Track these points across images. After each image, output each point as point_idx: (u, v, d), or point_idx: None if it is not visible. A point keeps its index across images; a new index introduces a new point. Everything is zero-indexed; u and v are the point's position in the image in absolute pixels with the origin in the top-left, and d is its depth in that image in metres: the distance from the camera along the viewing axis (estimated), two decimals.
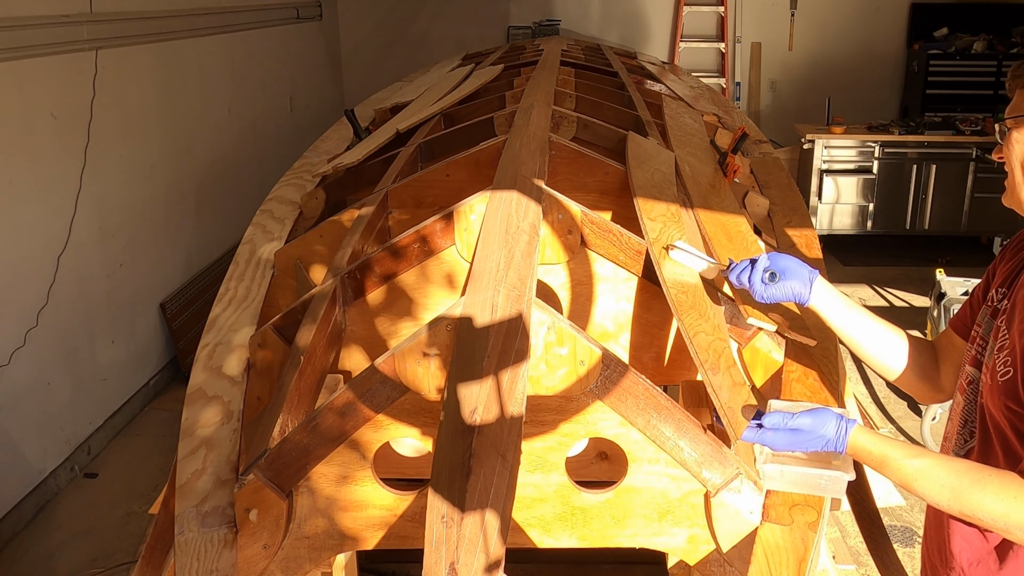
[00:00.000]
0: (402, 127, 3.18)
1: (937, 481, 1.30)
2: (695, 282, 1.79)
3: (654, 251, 1.88)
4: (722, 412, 1.46)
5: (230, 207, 5.55)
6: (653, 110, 3.45)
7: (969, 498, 1.28)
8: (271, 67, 6.46)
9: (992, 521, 1.27)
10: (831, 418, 1.38)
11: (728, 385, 1.52)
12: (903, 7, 7.73)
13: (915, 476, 1.32)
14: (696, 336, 1.62)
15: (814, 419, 1.38)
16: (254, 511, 1.42)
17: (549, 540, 1.49)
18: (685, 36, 7.93)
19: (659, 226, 1.98)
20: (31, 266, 3.68)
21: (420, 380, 1.38)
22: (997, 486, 1.27)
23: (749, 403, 1.49)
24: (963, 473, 1.30)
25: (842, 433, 1.37)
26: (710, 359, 1.57)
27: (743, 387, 1.53)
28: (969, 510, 1.28)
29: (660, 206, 2.10)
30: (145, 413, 4.54)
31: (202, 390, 1.87)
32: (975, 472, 1.30)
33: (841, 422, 1.37)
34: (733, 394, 1.51)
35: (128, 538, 3.48)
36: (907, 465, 1.33)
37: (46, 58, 3.76)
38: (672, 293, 1.74)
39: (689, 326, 1.65)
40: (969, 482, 1.29)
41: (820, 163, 6.66)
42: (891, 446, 1.36)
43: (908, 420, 4.34)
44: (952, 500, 1.29)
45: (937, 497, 1.31)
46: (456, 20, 7.96)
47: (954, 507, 1.30)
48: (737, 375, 1.55)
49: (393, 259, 1.99)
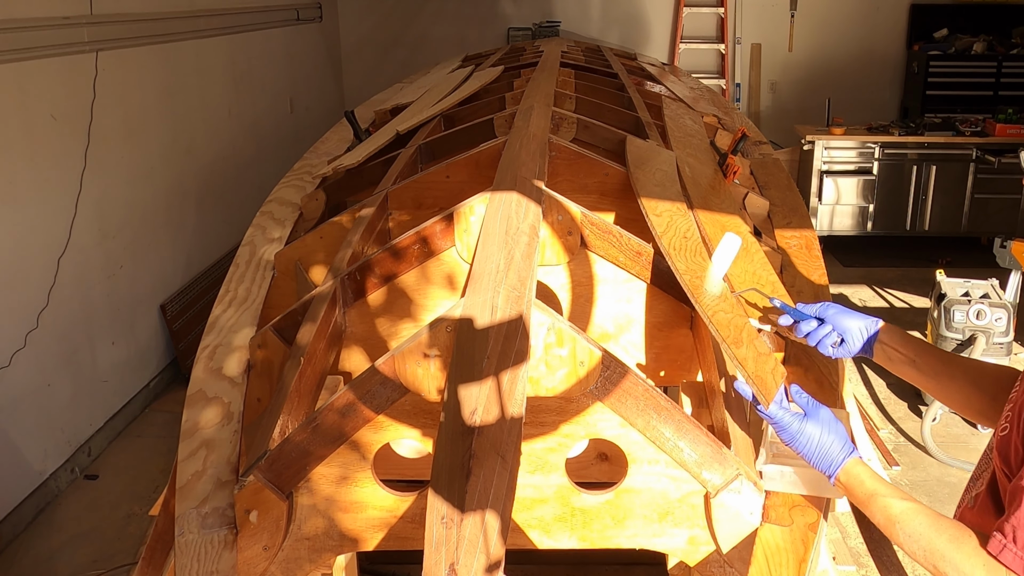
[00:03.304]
0: (402, 128, 3.18)
1: (917, 529, 1.27)
2: (707, 263, 1.80)
3: (663, 243, 1.89)
4: (750, 382, 1.43)
5: (230, 208, 5.55)
6: (653, 111, 3.45)
7: (942, 555, 1.25)
8: (271, 69, 6.46)
9: None
10: (836, 440, 1.37)
11: (753, 356, 1.51)
12: (903, 8, 7.73)
13: (898, 518, 1.29)
14: (715, 315, 1.63)
15: (820, 431, 1.37)
16: (254, 512, 1.42)
17: (549, 541, 1.49)
18: (685, 37, 7.93)
19: (665, 220, 2.00)
20: (31, 268, 3.68)
21: (420, 381, 1.38)
22: (970, 551, 1.24)
23: (777, 371, 1.48)
24: (944, 529, 1.26)
25: (838, 462, 1.35)
26: (732, 334, 1.57)
27: (769, 356, 1.52)
28: (940, 567, 1.25)
29: (665, 203, 2.11)
30: (145, 415, 4.54)
31: (202, 391, 1.87)
32: (956, 530, 1.26)
33: (845, 448, 1.36)
34: (759, 364, 1.49)
35: (128, 539, 3.48)
36: (893, 504, 1.30)
37: (46, 60, 3.76)
38: (687, 280, 1.74)
39: (707, 307, 1.65)
40: (947, 539, 1.25)
41: (820, 164, 6.66)
42: (884, 484, 1.34)
43: (908, 421, 4.34)
44: (927, 553, 1.26)
45: (912, 545, 1.28)
46: (456, 21, 7.97)
47: (928, 561, 1.27)
48: (762, 346, 1.54)
49: (393, 260, 1.99)
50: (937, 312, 4.36)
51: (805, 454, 1.38)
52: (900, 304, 5.83)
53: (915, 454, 4.05)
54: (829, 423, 1.39)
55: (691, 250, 1.90)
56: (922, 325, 4.95)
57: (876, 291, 6.03)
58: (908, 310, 5.69)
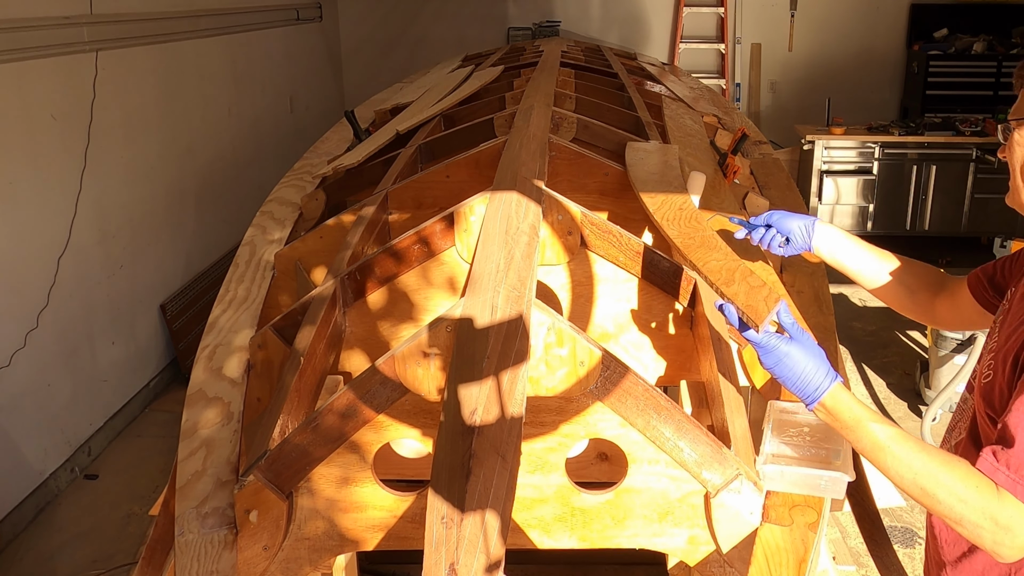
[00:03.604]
0: (402, 128, 3.18)
1: (906, 452, 1.26)
2: (700, 226, 1.84)
3: (656, 217, 1.94)
4: (743, 314, 1.43)
5: (230, 208, 5.55)
6: (653, 111, 3.45)
7: (930, 478, 1.23)
8: (271, 68, 6.46)
9: (947, 508, 1.23)
10: (821, 366, 1.35)
11: (745, 290, 1.52)
12: (903, 7, 7.73)
13: (886, 442, 1.27)
14: (706, 265, 1.65)
15: (806, 356, 1.34)
16: (254, 512, 1.42)
17: (549, 541, 1.49)
18: (685, 37, 7.93)
19: (660, 199, 2.07)
20: (31, 268, 3.68)
21: (420, 381, 1.38)
22: (963, 473, 1.23)
23: (771, 298, 1.47)
24: (934, 453, 1.26)
25: (824, 387, 1.33)
26: (723, 277, 1.59)
27: (762, 287, 1.52)
28: (931, 489, 1.23)
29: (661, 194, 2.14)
30: (145, 414, 4.54)
31: (202, 391, 1.87)
32: (944, 455, 1.26)
33: (830, 374, 1.34)
34: (751, 294, 1.50)
35: (128, 539, 3.48)
36: (879, 431, 1.28)
37: (46, 60, 3.76)
38: (679, 243, 1.79)
39: (698, 259, 1.68)
40: (939, 462, 1.24)
41: (820, 164, 6.66)
42: (867, 411, 1.32)
43: (908, 421, 4.34)
44: (916, 475, 1.24)
45: (900, 468, 1.26)
46: (456, 21, 7.96)
47: (915, 486, 1.25)
48: (755, 280, 1.55)
49: (393, 260, 1.99)
50: None
51: (789, 378, 1.35)
52: None
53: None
54: (813, 348, 1.37)
55: (685, 219, 1.95)
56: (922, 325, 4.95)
57: None
58: None
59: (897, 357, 5.03)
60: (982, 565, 1.43)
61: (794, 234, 1.74)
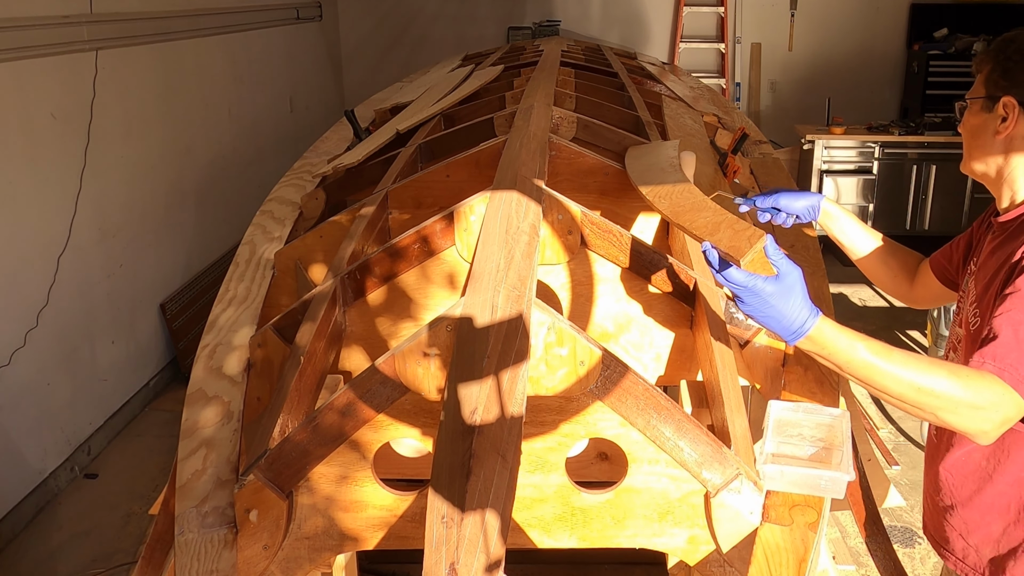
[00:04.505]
0: (402, 127, 3.18)
1: (896, 363, 1.32)
2: (692, 195, 1.87)
3: (649, 198, 1.98)
4: (724, 253, 1.45)
5: (230, 207, 5.55)
6: (653, 111, 3.45)
7: (924, 375, 1.30)
8: (271, 68, 6.46)
9: (943, 401, 1.30)
10: (804, 304, 1.36)
11: (729, 235, 1.53)
12: (903, 7, 7.73)
13: (880, 358, 1.32)
14: (693, 223, 1.69)
15: (789, 296, 1.35)
16: (254, 511, 1.42)
17: (549, 541, 1.49)
18: (685, 37, 7.93)
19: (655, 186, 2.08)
20: (31, 267, 3.68)
21: (420, 380, 1.38)
22: (953, 367, 1.32)
23: (754, 236, 1.47)
24: (922, 358, 1.34)
25: (808, 324, 1.35)
26: (708, 229, 1.62)
27: (747, 228, 1.53)
28: (927, 385, 1.30)
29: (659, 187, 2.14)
30: (145, 414, 4.54)
31: (202, 390, 1.87)
32: (932, 359, 1.35)
33: (813, 309, 1.36)
34: (735, 235, 1.52)
35: (128, 539, 3.48)
36: (865, 351, 1.33)
37: (46, 59, 3.76)
38: (671, 214, 1.83)
39: (687, 221, 1.73)
40: (927, 363, 1.32)
41: (820, 164, 6.66)
42: (849, 336, 1.36)
43: (908, 421, 4.34)
44: (911, 379, 1.31)
45: (896, 377, 1.32)
46: (456, 21, 7.96)
47: (911, 388, 1.31)
48: (740, 225, 1.55)
49: (393, 259, 1.99)
50: (937, 312, 4.37)
51: (774, 318, 1.36)
52: (900, 304, 5.82)
53: (915, 454, 4.05)
54: (797, 285, 1.37)
55: (677, 192, 1.96)
56: (922, 324, 4.95)
57: (876, 290, 6.02)
58: (908, 310, 5.69)
59: None
60: (991, 497, 1.54)
61: (802, 215, 1.91)
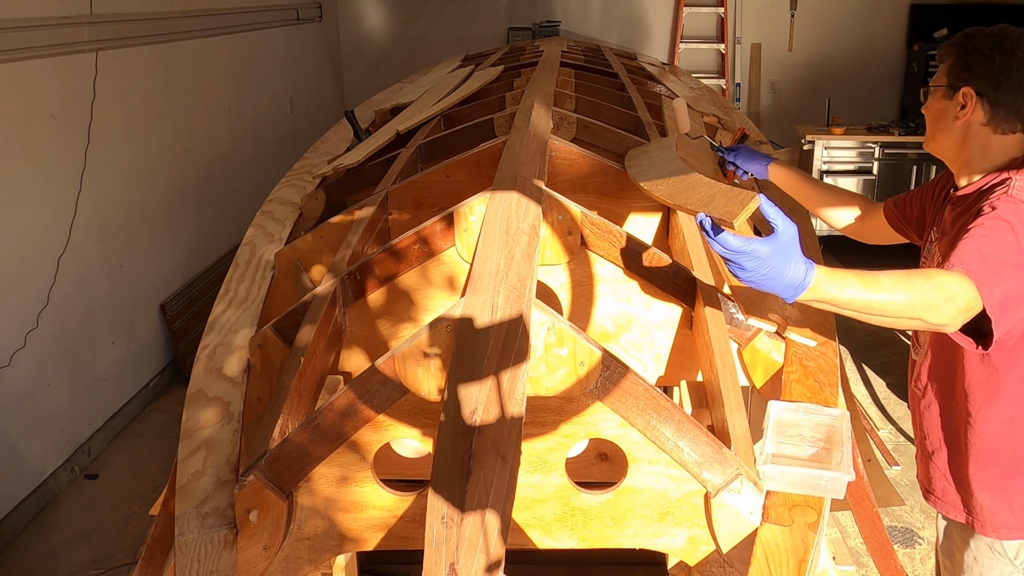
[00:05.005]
0: (402, 128, 3.18)
1: (887, 288, 1.38)
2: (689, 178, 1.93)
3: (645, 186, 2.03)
4: (718, 220, 1.46)
5: (230, 208, 5.55)
6: (653, 111, 3.46)
7: (910, 289, 1.39)
8: (271, 68, 6.46)
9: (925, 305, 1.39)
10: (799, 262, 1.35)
11: (723, 203, 1.57)
12: (903, 8, 7.73)
13: (873, 285, 1.38)
14: (689, 200, 1.76)
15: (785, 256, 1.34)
16: (254, 512, 1.42)
17: (549, 541, 1.49)
18: (685, 37, 7.93)
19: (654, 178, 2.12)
20: (31, 267, 3.68)
21: (420, 381, 1.38)
22: (927, 272, 1.45)
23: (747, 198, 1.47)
24: (902, 273, 1.43)
25: (806, 282, 1.36)
26: (702, 201, 1.67)
27: (740, 194, 1.55)
28: (918, 292, 1.39)
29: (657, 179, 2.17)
30: (145, 414, 4.54)
31: (202, 391, 1.87)
32: (911, 271, 1.46)
33: (807, 269, 1.35)
34: (729, 202, 1.56)
35: (128, 539, 3.48)
36: (864, 278, 1.38)
37: (46, 59, 3.76)
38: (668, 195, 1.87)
39: (683, 200, 1.80)
40: (907, 276, 1.42)
41: (820, 164, 6.65)
42: (840, 280, 1.39)
43: (908, 421, 4.33)
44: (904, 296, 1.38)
45: (891, 298, 1.38)
46: (456, 21, 7.96)
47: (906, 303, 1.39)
48: (733, 192, 1.56)
49: (393, 260, 1.99)
50: None
51: (774, 279, 1.35)
52: None
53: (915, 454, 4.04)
54: (791, 244, 1.35)
55: (674, 177, 2.01)
56: None
57: None
58: None
59: (897, 357, 5.03)
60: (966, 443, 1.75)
61: (756, 173, 2.36)
